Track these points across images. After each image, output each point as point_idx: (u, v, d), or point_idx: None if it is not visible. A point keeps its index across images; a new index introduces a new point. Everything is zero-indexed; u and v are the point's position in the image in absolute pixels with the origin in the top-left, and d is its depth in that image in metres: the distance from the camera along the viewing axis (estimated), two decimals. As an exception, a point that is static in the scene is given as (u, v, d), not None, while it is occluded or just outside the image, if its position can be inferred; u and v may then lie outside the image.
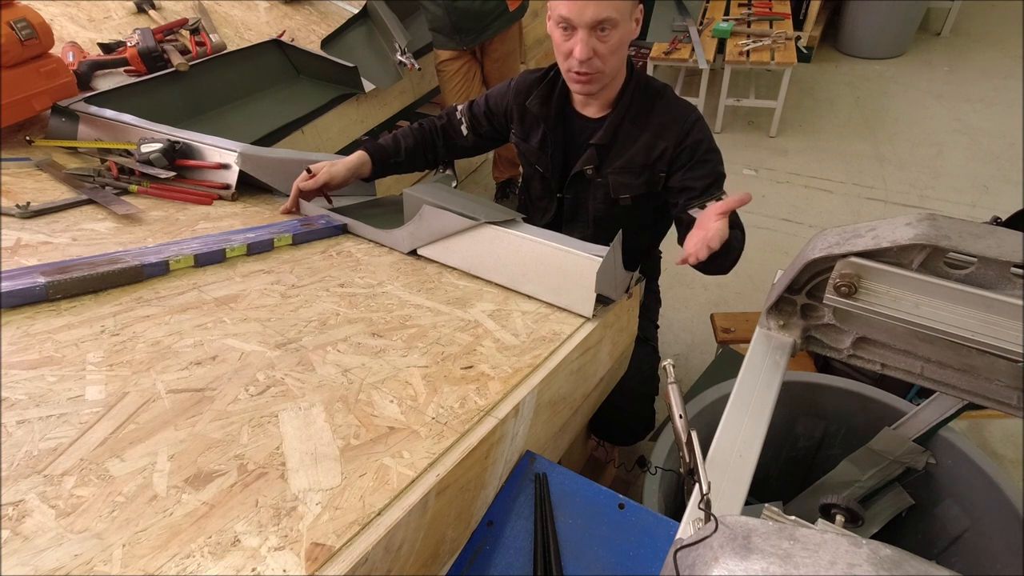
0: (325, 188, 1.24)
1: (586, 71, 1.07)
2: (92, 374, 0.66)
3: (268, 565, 0.48)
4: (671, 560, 0.48)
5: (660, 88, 1.21)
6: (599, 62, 1.06)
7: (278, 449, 0.60)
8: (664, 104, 1.18)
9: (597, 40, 1.04)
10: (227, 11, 2.15)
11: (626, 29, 1.06)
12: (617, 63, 1.10)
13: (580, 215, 1.32)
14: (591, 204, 1.28)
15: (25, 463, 0.54)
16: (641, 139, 1.18)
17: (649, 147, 1.17)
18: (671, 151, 1.16)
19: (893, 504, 1.18)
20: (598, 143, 1.19)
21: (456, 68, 2.38)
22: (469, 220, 1.02)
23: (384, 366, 0.76)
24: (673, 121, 1.16)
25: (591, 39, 1.03)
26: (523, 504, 0.75)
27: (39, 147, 1.40)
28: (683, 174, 1.15)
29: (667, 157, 1.16)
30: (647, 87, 1.20)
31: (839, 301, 0.75)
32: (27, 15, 1.35)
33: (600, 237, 1.31)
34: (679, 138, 1.15)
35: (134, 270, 0.85)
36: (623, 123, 1.18)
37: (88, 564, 0.46)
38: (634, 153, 1.18)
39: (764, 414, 0.79)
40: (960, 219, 0.68)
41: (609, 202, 1.25)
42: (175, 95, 1.72)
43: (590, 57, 1.05)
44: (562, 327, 0.92)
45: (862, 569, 0.39)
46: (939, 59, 4.11)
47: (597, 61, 1.06)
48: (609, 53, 1.06)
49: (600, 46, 1.04)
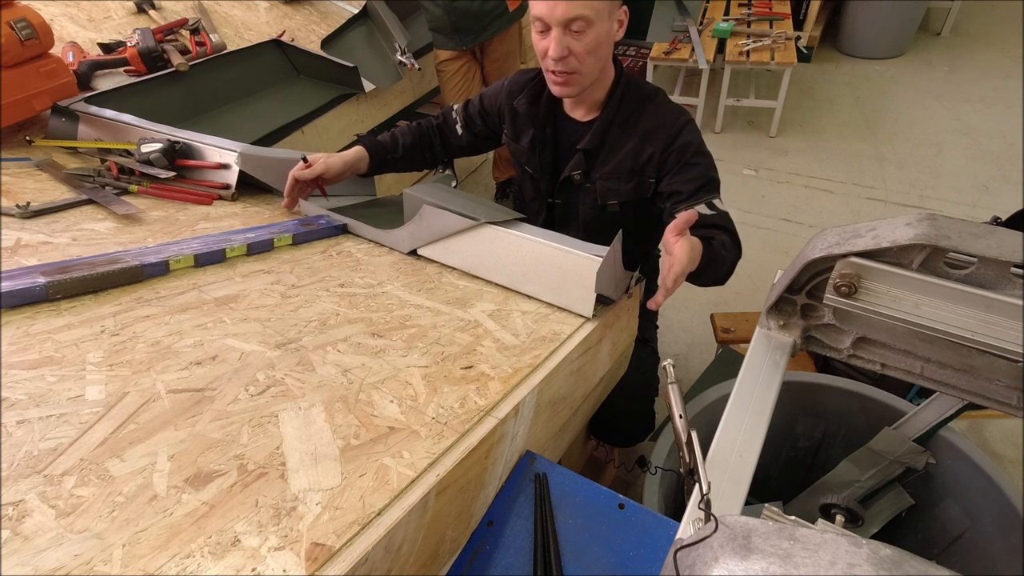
0: (321, 180, 1.23)
1: (562, 70, 1.05)
2: (92, 374, 0.66)
3: (268, 565, 0.48)
4: (671, 560, 0.48)
5: (651, 91, 1.18)
6: (575, 61, 1.04)
7: (278, 449, 0.60)
8: (654, 107, 1.16)
9: (571, 39, 1.02)
10: (227, 11, 2.15)
11: (603, 29, 1.03)
12: (594, 63, 1.07)
13: (571, 221, 1.31)
14: (581, 209, 1.26)
15: (25, 463, 0.54)
16: (629, 144, 1.16)
17: (637, 152, 1.15)
18: (658, 156, 1.14)
19: (893, 504, 1.18)
20: (585, 148, 1.17)
21: (456, 68, 2.38)
22: (469, 220, 1.02)
23: (384, 366, 0.76)
24: (662, 125, 1.14)
25: (565, 38, 1.01)
26: (523, 504, 0.75)
27: (39, 147, 1.40)
28: (671, 178, 1.13)
29: (655, 162, 1.14)
30: (637, 90, 1.17)
31: (839, 301, 0.75)
32: (27, 15, 1.35)
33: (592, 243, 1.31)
34: (667, 142, 1.13)
35: (134, 270, 0.85)
36: (611, 127, 1.16)
37: (88, 564, 0.46)
38: (622, 158, 1.16)
39: (764, 414, 0.79)
40: (960, 219, 0.68)
41: (597, 208, 1.23)
42: (175, 95, 1.72)
43: (564, 56, 1.03)
44: (562, 327, 0.92)
45: (862, 569, 0.39)
46: (939, 59, 4.11)
47: (573, 60, 1.04)
48: (585, 52, 1.03)
49: (575, 45, 1.02)
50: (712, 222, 1.06)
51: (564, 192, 1.27)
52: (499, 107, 1.30)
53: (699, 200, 1.09)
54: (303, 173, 1.20)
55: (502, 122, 1.32)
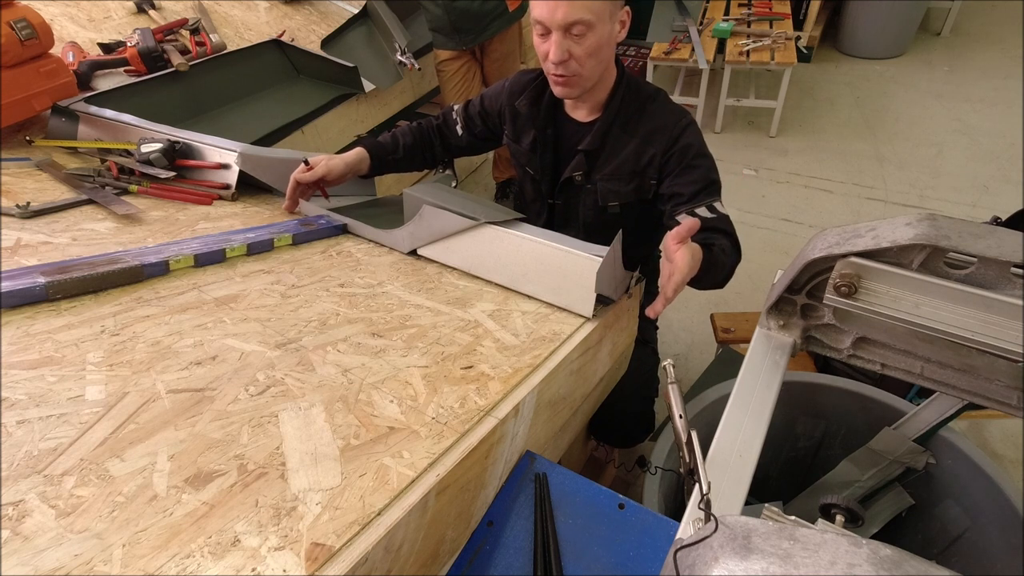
0: (322, 182, 1.23)
1: (562, 73, 1.05)
2: (92, 374, 0.66)
3: (268, 565, 0.48)
4: (671, 560, 0.48)
5: (652, 92, 1.18)
6: (575, 64, 1.04)
7: (278, 449, 0.60)
8: (655, 109, 1.16)
9: (572, 42, 1.01)
10: (227, 11, 2.15)
11: (604, 31, 1.03)
12: (595, 65, 1.07)
13: (572, 221, 1.31)
14: (581, 211, 1.26)
15: (25, 463, 0.54)
16: (630, 145, 1.15)
17: (639, 154, 1.15)
18: (660, 157, 1.13)
19: (893, 504, 1.18)
20: (586, 149, 1.17)
21: (456, 68, 2.38)
22: (469, 220, 1.02)
23: (384, 366, 0.76)
24: (663, 127, 1.13)
25: (565, 41, 1.01)
26: (523, 504, 0.75)
27: (39, 147, 1.40)
28: (672, 180, 1.13)
29: (656, 163, 1.14)
30: (638, 91, 1.17)
31: (839, 301, 0.75)
32: (27, 15, 1.35)
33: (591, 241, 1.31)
34: (668, 144, 1.12)
35: (134, 270, 0.85)
36: (612, 128, 1.16)
37: (88, 564, 0.46)
38: (623, 160, 1.16)
39: (764, 414, 0.79)
40: (960, 219, 0.68)
41: (598, 209, 1.23)
42: (175, 95, 1.72)
43: (564, 60, 1.02)
44: (562, 327, 0.92)
45: (862, 569, 0.39)
46: (939, 59, 4.11)
47: (573, 63, 1.04)
48: (586, 55, 1.03)
49: (575, 48, 1.02)
50: (712, 225, 1.06)
51: (565, 193, 1.27)
52: (500, 108, 1.30)
53: (700, 203, 1.08)
54: (304, 176, 1.20)
55: (503, 123, 1.31)
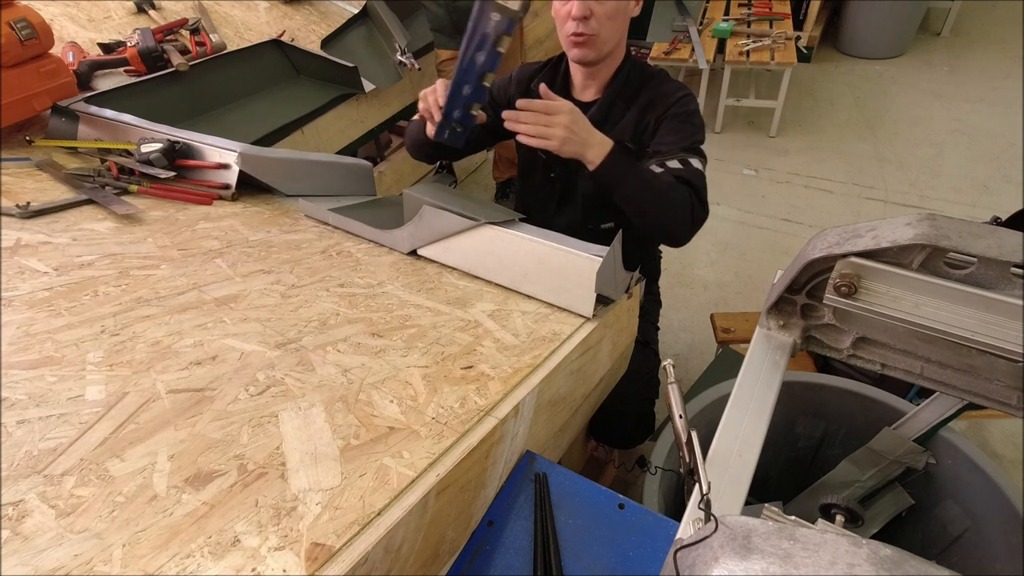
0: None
1: (582, 31, 1.09)
2: (92, 374, 0.66)
3: (268, 565, 0.48)
4: (671, 560, 0.48)
5: (655, 71, 1.24)
6: (595, 23, 1.09)
7: (278, 449, 0.60)
8: (656, 83, 1.22)
9: (594, 1, 1.07)
10: (227, 11, 2.15)
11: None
12: (613, 30, 1.12)
13: (571, 194, 1.34)
14: (580, 183, 1.30)
15: (25, 463, 0.54)
16: (629, 114, 1.21)
17: (637, 121, 1.20)
18: (653, 124, 1.19)
19: (893, 504, 1.18)
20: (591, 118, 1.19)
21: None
22: (469, 220, 1.02)
23: (384, 366, 0.76)
24: (662, 95, 1.19)
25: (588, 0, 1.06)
26: (523, 504, 0.75)
27: (39, 147, 1.40)
28: (658, 137, 1.17)
29: (651, 129, 1.19)
30: (642, 70, 1.23)
31: (839, 301, 0.75)
32: (27, 15, 1.35)
33: (589, 218, 1.32)
34: (664, 109, 1.18)
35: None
36: (616, 101, 1.22)
37: (88, 564, 0.46)
38: (623, 128, 1.21)
39: (764, 414, 0.79)
40: (960, 219, 0.68)
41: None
42: (175, 95, 1.72)
43: (586, 16, 1.07)
44: (562, 327, 0.92)
45: (862, 569, 0.39)
46: (939, 59, 4.11)
47: (594, 22, 1.09)
48: (605, 17, 1.09)
49: (597, 7, 1.08)
50: (679, 175, 1.09)
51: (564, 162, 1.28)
52: (508, 97, 1.33)
53: (673, 156, 1.12)
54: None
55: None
